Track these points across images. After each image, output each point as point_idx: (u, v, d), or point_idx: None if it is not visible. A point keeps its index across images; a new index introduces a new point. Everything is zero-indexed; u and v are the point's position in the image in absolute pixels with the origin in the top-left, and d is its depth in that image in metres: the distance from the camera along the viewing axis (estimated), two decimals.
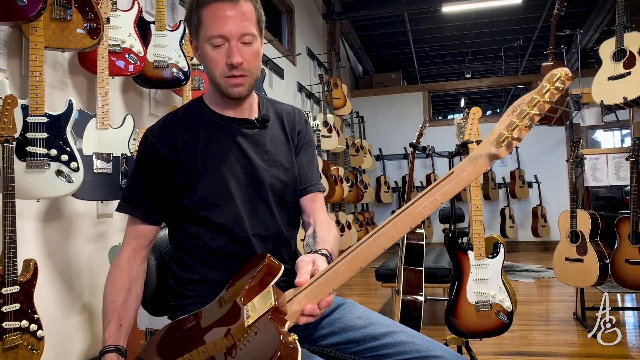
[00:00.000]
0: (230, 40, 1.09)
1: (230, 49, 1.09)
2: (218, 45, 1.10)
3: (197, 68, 2.85)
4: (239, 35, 1.09)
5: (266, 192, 1.19)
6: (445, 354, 1.05)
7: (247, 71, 1.13)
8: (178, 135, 1.18)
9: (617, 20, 2.98)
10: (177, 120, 1.21)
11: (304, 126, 1.31)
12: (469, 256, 2.24)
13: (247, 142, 1.20)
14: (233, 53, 1.09)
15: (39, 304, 1.79)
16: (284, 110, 1.31)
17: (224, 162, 1.17)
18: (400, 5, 6.50)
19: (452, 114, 11.57)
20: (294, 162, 1.26)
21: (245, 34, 1.10)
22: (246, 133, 1.21)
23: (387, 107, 8.05)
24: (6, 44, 2.03)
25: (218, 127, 1.20)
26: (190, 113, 1.23)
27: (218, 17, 1.08)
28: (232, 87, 1.13)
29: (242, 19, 1.09)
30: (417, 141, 2.90)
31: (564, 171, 6.76)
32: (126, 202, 1.21)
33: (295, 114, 1.31)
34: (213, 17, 1.09)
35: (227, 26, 1.08)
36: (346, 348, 1.11)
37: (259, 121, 1.22)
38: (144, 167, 1.19)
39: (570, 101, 3.47)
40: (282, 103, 1.34)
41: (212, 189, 1.15)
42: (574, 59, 7.78)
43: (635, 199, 3.00)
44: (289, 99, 5.32)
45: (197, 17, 1.11)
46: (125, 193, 1.21)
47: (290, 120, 1.29)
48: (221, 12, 1.08)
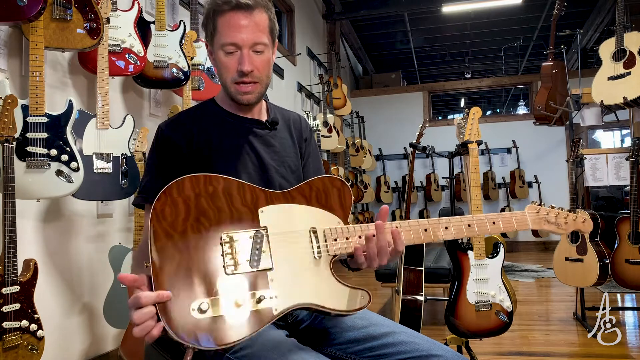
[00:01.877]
0: (243, 49, 1.14)
1: (242, 57, 1.14)
2: (230, 53, 1.15)
3: (197, 68, 2.85)
4: (251, 44, 1.14)
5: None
6: (445, 354, 1.06)
7: (257, 78, 1.17)
8: (193, 128, 1.21)
9: (617, 20, 2.98)
10: (190, 117, 1.24)
11: (310, 134, 1.38)
12: (469, 256, 2.24)
13: (258, 142, 1.23)
14: (244, 61, 1.13)
15: (39, 304, 1.79)
16: (291, 117, 1.36)
17: (238, 158, 1.20)
18: (400, 5, 6.50)
19: (452, 114, 11.57)
20: (299, 165, 1.31)
21: (257, 43, 1.14)
22: (258, 133, 1.24)
23: (387, 107, 8.05)
24: (6, 44, 2.03)
25: (231, 125, 1.23)
26: (203, 111, 1.25)
27: (232, 25, 1.13)
28: (242, 95, 1.18)
29: (255, 29, 1.14)
30: (417, 141, 2.90)
31: (564, 171, 6.77)
32: (143, 192, 1.20)
33: (302, 122, 1.37)
34: (227, 25, 1.13)
35: (240, 35, 1.13)
36: (346, 348, 1.11)
37: (270, 123, 1.26)
38: (158, 160, 1.20)
39: (570, 101, 3.47)
40: (287, 110, 1.39)
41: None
42: (574, 59, 7.79)
43: (635, 199, 3.00)
44: (289, 99, 5.32)
45: (213, 24, 1.16)
46: (142, 186, 1.22)
47: (297, 127, 1.35)
48: (235, 21, 1.13)
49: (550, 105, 3.49)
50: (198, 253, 0.91)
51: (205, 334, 0.85)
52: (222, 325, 0.87)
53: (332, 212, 1.06)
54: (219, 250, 0.93)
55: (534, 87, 7.72)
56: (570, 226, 1.15)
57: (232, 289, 0.91)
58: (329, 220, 1.05)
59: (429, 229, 1.07)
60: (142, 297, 0.85)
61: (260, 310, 0.91)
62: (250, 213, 0.99)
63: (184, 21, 2.78)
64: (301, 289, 0.96)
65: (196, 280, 0.89)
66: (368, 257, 1.03)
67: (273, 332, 1.04)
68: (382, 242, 1.02)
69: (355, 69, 9.01)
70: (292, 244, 0.99)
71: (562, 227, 1.13)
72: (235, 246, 0.94)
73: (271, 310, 0.92)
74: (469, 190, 2.32)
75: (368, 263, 1.03)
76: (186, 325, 0.85)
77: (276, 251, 0.97)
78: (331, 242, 1.02)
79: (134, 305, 0.86)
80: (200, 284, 0.89)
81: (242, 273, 0.93)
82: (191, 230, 0.93)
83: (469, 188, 2.32)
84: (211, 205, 0.96)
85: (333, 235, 1.03)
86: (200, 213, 0.95)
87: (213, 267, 0.92)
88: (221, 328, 0.87)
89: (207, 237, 0.93)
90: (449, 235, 1.07)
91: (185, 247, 0.91)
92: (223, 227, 0.95)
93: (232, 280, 0.92)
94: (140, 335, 0.85)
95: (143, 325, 0.85)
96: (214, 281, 0.90)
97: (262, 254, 0.96)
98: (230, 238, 0.95)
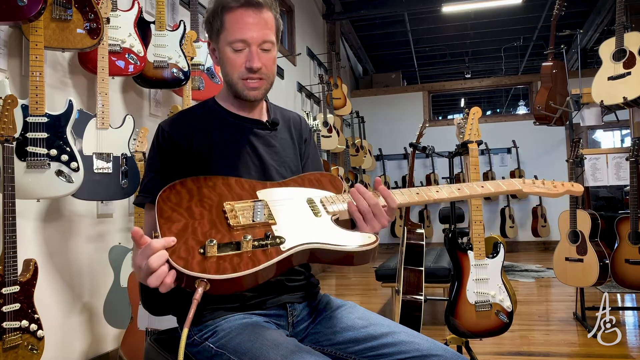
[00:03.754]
0: (251, 46, 1.14)
1: (250, 54, 1.14)
2: (239, 50, 1.15)
3: (197, 68, 2.85)
4: (260, 41, 1.14)
5: None
6: (445, 353, 1.05)
7: (265, 75, 1.18)
8: (194, 127, 1.21)
9: (617, 20, 2.98)
10: (191, 116, 1.24)
11: (309, 135, 1.38)
12: (469, 256, 2.24)
13: (259, 142, 1.23)
14: (253, 58, 1.14)
15: (39, 304, 1.79)
16: (291, 117, 1.36)
17: (239, 158, 1.20)
18: (400, 5, 6.50)
19: (452, 114, 11.57)
20: (299, 165, 1.31)
21: (266, 41, 1.15)
22: (258, 133, 1.25)
23: (387, 107, 8.05)
24: (6, 44, 2.03)
25: (232, 124, 1.23)
26: (204, 111, 1.25)
27: (241, 22, 1.13)
28: (249, 90, 1.18)
29: (264, 27, 1.15)
30: (417, 141, 2.89)
31: (564, 171, 6.73)
32: (145, 192, 1.20)
33: (301, 122, 1.38)
34: (236, 22, 1.13)
35: (250, 32, 1.13)
36: (347, 347, 1.11)
37: (270, 123, 1.26)
38: (159, 159, 1.19)
39: (570, 101, 3.47)
40: (287, 110, 1.39)
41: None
42: (574, 59, 7.79)
43: (635, 199, 3.00)
44: (289, 99, 5.32)
45: (220, 21, 1.15)
46: (143, 185, 1.21)
47: (297, 127, 1.35)
48: (245, 18, 1.13)
49: (550, 105, 3.49)
50: (203, 217, 0.98)
51: (214, 267, 0.88)
52: (231, 260, 0.90)
53: (325, 190, 1.13)
54: (222, 214, 1.00)
55: (534, 87, 7.72)
56: (559, 189, 1.16)
57: (238, 236, 0.95)
58: (323, 194, 1.11)
59: (421, 192, 1.12)
60: (153, 242, 0.89)
61: (269, 248, 0.93)
62: (249, 194, 1.07)
63: (184, 21, 2.78)
64: (307, 233, 0.99)
65: (200, 231, 0.95)
66: (365, 219, 1.05)
67: (273, 332, 1.04)
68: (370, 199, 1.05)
69: (355, 69, 9.01)
70: (292, 209, 1.05)
71: (552, 191, 1.15)
72: (237, 210, 1.01)
73: (279, 248, 0.94)
74: None
75: (369, 226, 1.05)
76: (195, 261, 0.89)
77: (277, 213, 1.02)
78: (328, 204, 1.07)
79: (146, 254, 0.88)
80: (206, 234, 0.94)
81: (246, 224, 0.98)
82: (195, 206, 1.01)
83: None
84: (212, 192, 1.05)
85: (329, 200, 1.09)
86: (202, 196, 1.03)
87: (218, 223, 0.98)
88: (230, 262, 0.90)
89: (210, 207, 1.01)
90: (441, 195, 1.12)
91: (190, 214, 0.98)
92: (224, 201, 1.03)
93: (237, 230, 0.96)
94: (156, 284, 0.87)
95: (158, 271, 0.87)
96: (219, 233, 0.95)
97: (264, 213, 1.01)
98: (232, 206, 1.02)
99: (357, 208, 1.05)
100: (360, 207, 1.05)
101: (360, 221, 1.05)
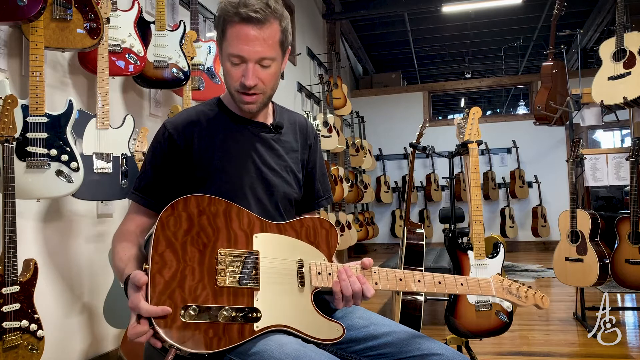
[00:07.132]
0: (248, 62, 1.12)
1: (246, 71, 1.12)
2: (236, 64, 1.13)
3: (197, 68, 2.85)
4: (257, 58, 1.12)
5: (277, 194, 1.23)
6: (445, 352, 1.06)
7: (261, 90, 1.16)
8: (195, 128, 1.20)
9: (617, 20, 2.98)
10: (195, 115, 1.23)
11: (314, 140, 1.37)
12: (469, 256, 2.24)
13: (262, 145, 1.23)
14: (248, 76, 1.12)
15: (39, 304, 1.79)
16: (297, 120, 1.35)
17: (241, 161, 1.20)
18: (400, 5, 6.49)
19: (452, 114, 11.57)
20: (300, 170, 1.31)
21: (264, 58, 1.12)
22: (262, 136, 1.24)
23: (387, 107, 8.05)
24: (6, 44, 2.03)
25: (235, 127, 1.22)
26: (208, 111, 1.25)
27: (240, 37, 1.10)
28: (244, 104, 1.17)
29: (263, 44, 1.11)
30: (417, 141, 2.90)
31: (564, 171, 6.76)
32: (137, 190, 1.20)
33: (307, 127, 1.36)
34: (235, 36, 1.10)
35: (247, 48, 1.10)
36: (347, 347, 1.11)
37: (274, 127, 1.26)
38: (158, 157, 1.19)
39: (570, 101, 3.47)
40: (295, 112, 1.38)
41: (226, 186, 1.17)
42: (574, 59, 7.79)
43: (635, 199, 3.00)
44: (289, 99, 5.32)
45: (222, 30, 1.13)
46: (137, 182, 1.21)
47: (302, 131, 1.34)
48: (244, 34, 1.10)
49: (550, 105, 3.49)
50: (194, 263, 0.99)
51: (189, 338, 0.93)
52: (205, 332, 0.95)
53: (318, 248, 1.13)
54: (213, 264, 1.01)
55: (534, 87, 7.72)
56: (529, 300, 1.19)
57: (220, 300, 0.98)
58: (315, 255, 1.12)
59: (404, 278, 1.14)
60: (150, 309, 0.91)
61: (244, 325, 0.99)
62: (245, 237, 1.06)
63: (184, 21, 2.78)
64: (283, 312, 1.04)
65: (188, 287, 0.97)
66: (344, 298, 1.07)
67: (276, 333, 1.04)
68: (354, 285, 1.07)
69: (355, 69, 9.01)
70: (279, 271, 1.07)
71: (522, 300, 1.19)
72: (228, 262, 1.02)
73: (252, 326, 1.00)
74: (469, 190, 2.32)
75: (344, 302, 1.08)
76: (175, 326, 0.93)
77: (264, 274, 1.05)
78: (314, 275, 1.08)
79: (135, 312, 0.93)
80: (192, 292, 0.97)
81: (231, 287, 1.00)
82: (190, 243, 1.00)
83: (469, 188, 2.32)
84: (212, 224, 1.03)
85: (317, 269, 1.09)
86: (200, 229, 1.02)
87: (206, 278, 0.99)
88: (204, 335, 0.95)
89: (204, 251, 1.01)
90: (420, 287, 1.14)
91: (183, 257, 0.99)
92: (219, 245, 1.03)
93: (221, 292, 0.99)
94: (133, 338, 0.92)
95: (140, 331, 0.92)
96: (204, 290, 0.98)
97: (251, 273, 1.03)
98: (225, 254, 1.02)
99: (340, 289, 1.07)
100: (343, 291, 1.07)
101: (339, 300, 1.08)
